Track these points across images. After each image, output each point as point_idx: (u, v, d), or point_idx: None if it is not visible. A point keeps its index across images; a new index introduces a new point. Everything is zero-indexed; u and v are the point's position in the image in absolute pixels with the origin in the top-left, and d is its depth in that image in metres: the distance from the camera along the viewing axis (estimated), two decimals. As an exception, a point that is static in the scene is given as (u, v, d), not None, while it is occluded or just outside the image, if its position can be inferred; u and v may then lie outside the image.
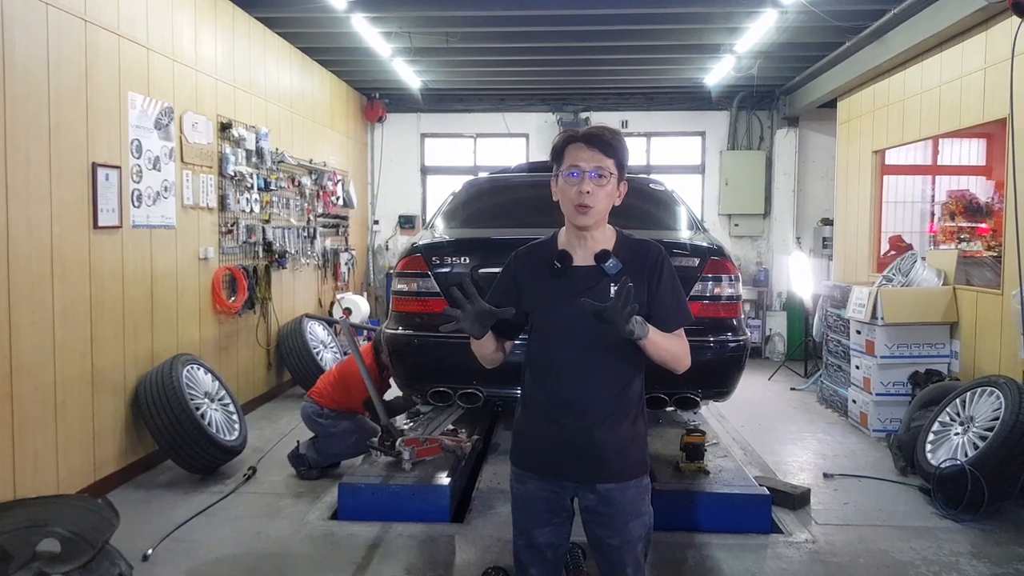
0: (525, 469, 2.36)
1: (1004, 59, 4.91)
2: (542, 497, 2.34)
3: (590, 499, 2.30)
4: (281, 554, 3.85)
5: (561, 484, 2.32)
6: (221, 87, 6.03)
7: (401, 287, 4.10)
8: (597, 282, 2.24)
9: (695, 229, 4.51)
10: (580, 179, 2.19)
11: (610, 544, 2.31)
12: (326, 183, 8.28)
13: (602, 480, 2.27)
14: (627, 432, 2.30)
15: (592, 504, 2.30)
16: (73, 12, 4.28)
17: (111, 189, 4.59)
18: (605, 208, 2.25)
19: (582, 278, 2.26)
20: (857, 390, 6.31)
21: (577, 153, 2.22)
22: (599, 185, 2.20)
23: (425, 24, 6.90)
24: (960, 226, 7.25)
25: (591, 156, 2.20)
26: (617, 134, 2.26)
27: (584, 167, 2.20)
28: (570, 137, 2.26)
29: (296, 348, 7.09)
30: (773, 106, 9.92)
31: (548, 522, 2.35)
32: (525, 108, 10.26)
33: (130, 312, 4.84)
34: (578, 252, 2.28)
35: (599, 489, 2.28)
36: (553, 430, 2.28)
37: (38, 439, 4.05)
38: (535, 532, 2.35)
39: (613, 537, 2.30)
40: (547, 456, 2.31)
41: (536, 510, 2.35)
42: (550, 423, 2.29)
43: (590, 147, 2.21)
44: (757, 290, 9.93)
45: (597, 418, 2.25)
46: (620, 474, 2.29)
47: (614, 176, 2.23)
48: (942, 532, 4.17)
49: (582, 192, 2.18)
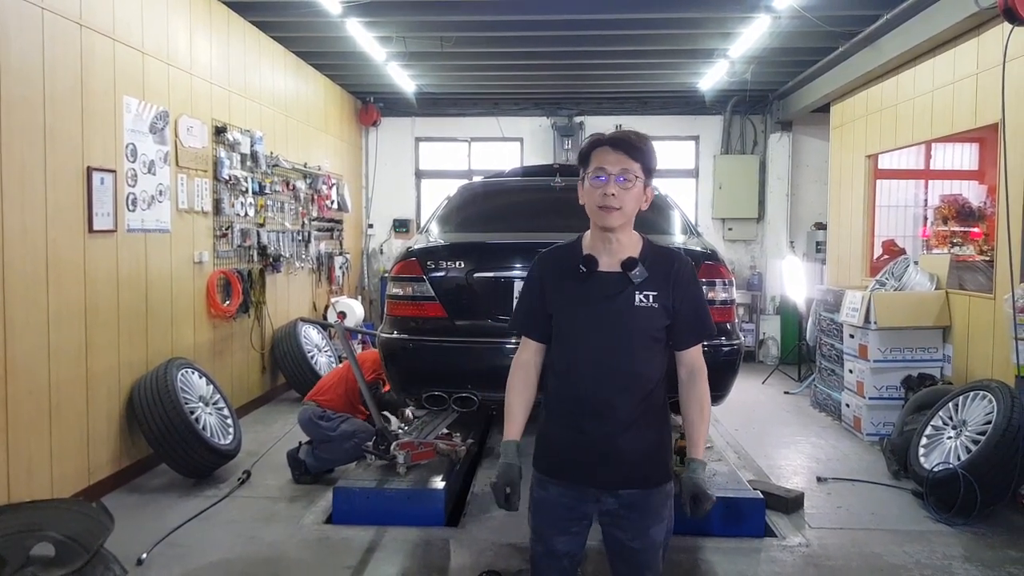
0: (548, 475, 2.34)
1: (996, 64, 4.94)
2: (564, 503, 2.31)
3: (611, 503, 2.28)
4: (276, 558, 3.84)
5: (584, 490, 2.30)
6: (216, 91, 6.03)
7: (396, 291, 4.11)
8: (622, 289, 2.23)
9: (689, 233, 4.53)
10: (606, 182, 2.18)
11: (631, 547, 2.29)
12: (321, 187, 8.28)
13: (626, 486, 2.26)
14: (652, 438, 2.29)
15: (613, 508, 2.28)
16: (68, 16, 4.28)
17: (106, 193, 4.58)
18: (631, 211, 2.23)
19: (607, 284, 2.24)
20: (850, 394, 6.33)
21: (603, 156, 2.21)
22: (624, 188, 2.19)
23: (420, 29, 6.91)
24: (953, 230, 7.28)
25: (617, 159, 2.19)
26: (644, 138, 2.24)
27: (610, 170, 2.19)
28: (597, 141, 2.26)
29: (291, 352, 7.08)
30: (767, 111, 9.96)
31: (568, 530, 2.33)
32: (519, 112, 10.29)
33: (125, 316, 4.84)
34: (603, 257, 2.26)
35: (622, 495, 2.27)
36: (577, 435, 2.27)
37: (32, 443, 4.04)
38: (555, 539, 2.33)
39: (634, 540, 2.28)
40: (570, 462, 2.29)
41: (557, 517, 2.33)
42: (574, 428, 2.28)
43: (616, 150, 2.20)
44: (751, 294, 9.96)
45: (621, 423, 2.24)
46: (645, 480, 2.28)
47: (640, 180, 2.21)
48: (935, 536, 4.18)
49: (607, 194, 2.18)
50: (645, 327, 2.23)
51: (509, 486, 2.27)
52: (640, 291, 2.22)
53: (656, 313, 2.24)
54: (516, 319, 2.47)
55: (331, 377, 5.26)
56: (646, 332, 2.24)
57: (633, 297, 2.22)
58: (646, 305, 2.23)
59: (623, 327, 2.22)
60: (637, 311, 2.22)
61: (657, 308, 2.23)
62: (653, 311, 2.23)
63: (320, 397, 5.08)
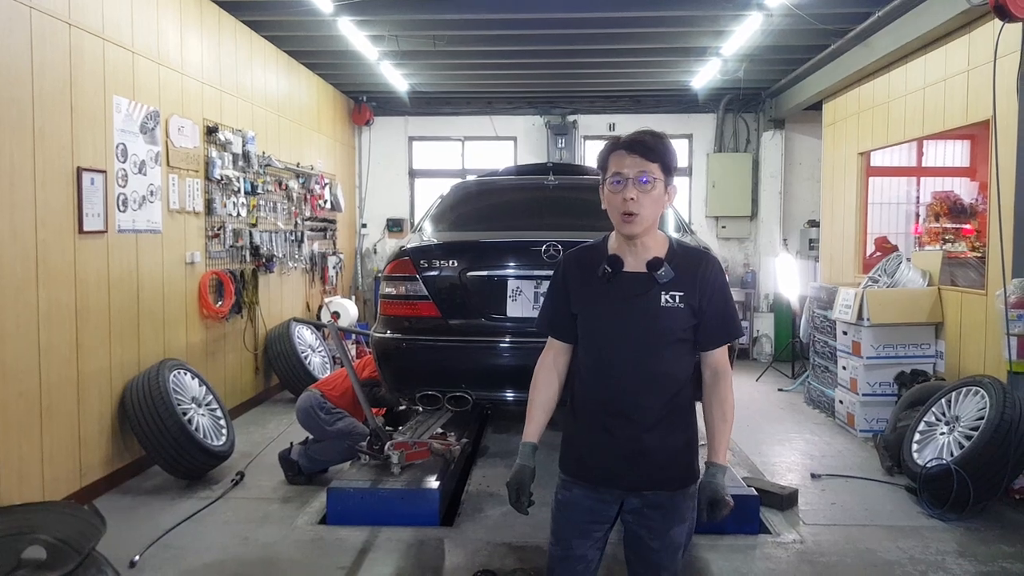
0: (573, 476, 2.32)
1: (987, 62, 4.96)
2: (587, 506, 2.30)
3: (636, 502, 2.27)
4: (269, 559, 3.83)
5: (609, 492, 2.28)
6: (207, 91, 6.01)
7: (389, 291, 4.10)
8: (648, 289, 2.21)
9: (682, 231, 4.53)
10: (624, 186, 2.15)
11: (650, 546, 2.27)
12: (313, 187, 8.26)
13: (652, 488, 2.25)
14: (679, 439, 2.27)
15: (638, 506, 2.27)
16: (57, 16, 4.26)
17: (96, 193, 4.56)
18: (653, 214, 2.19)
19: (633, 284, 2.22)
20: (844, 391, 6.35)
21: (620, 160, 2.17)
22: (644, 192, 2.14)
23: (412, 27, 6.90)
24: (945, 227, 7.30)
25: (633, 162, 2.15)
26: (661, 137, 2.20)
27: (628, 174, 2.15)
28: (613, 145, 2.23)
29: (284, 352, 7.07)
30: (759, 109, 9.98)
31: (589, 533, 2.30)
32: (513, 111, 10.28)
33: (116, 317, 4.81)
34: (628, 258, 2.24)
35: (647, 496, 2.26)
36: (603, 436, 2.25)
37: (23, 445, 4.02)
38: (574, 543, 2.30)
39: (655, 540, 2.27)
40: (597, 463, 2.27)
41: (579, 519, 2.31)
42: (600, 429, 2.26)
43: (632, 153, 2.16)
44: (744, 292, 9.97)
45: (648, 424, 2.22)
46: (671, 482, 2.26)
47: (660, 180, 2.16)
48: (928, 531, 4.20)
49: (627, 200, 2.14)
50: (672, 327, 2.21)
51: (519, 487, 2.26)
52: (666, 291, 2.19)
53: (682, 313, 2.21)
54: (541, 320, 2.43)
55: (342, 372, 5.23)
56: (673, 332, 2.21)
57: (659, 297, 2.20)
58: (672, 306, 2.20)
59: (649, 327, 2.19)
60: (663, 311, 2.20)
61: (684, 308, 2.21)
62: (679, 311, 2.21)
63: (326, 387, 5.06)
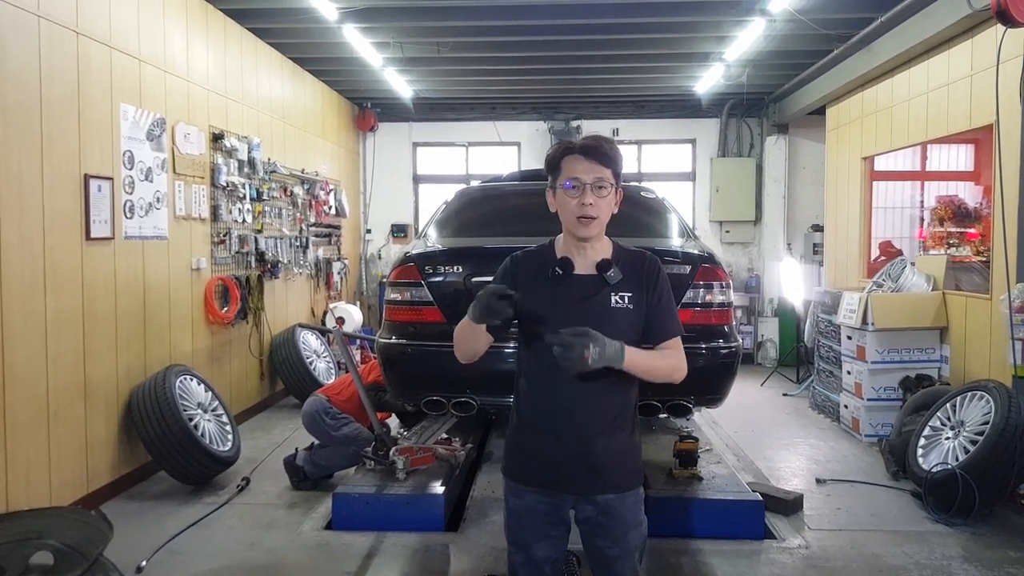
0: (522, 483, 2.34)
1: (990, 66, 4.96)
2: (541, 511, 2.31)
3: (589, 511, 2.29)
4: (276, 565, 3.84)
5: (561, 496, 2.30)
6: (213, 98, 6.04)
7: (394, 296, 4.10)
8: (598, 291, 2.24)
9: (686, 236, 4.54)
10: (582, 191, 2.19)
11: (610, 555, 2.30)
12: (318, 193, 8.29)
13: (603, 491, 2.26)
14: (625, 442, 2.30)
15: (591, 515, 2.29)
16: (64, 24, 4.29)
17: (103, 200, 4.59)
18: (607, 218, 2.25)
19: (583, 286, 2.25)
20: (848, 395, 6.34)
21: (575, 165, 2.21)
22: (600, 196, 2.20)
23: (416, 34, 6.93)
24: (949, 231, 7.30)
25: (590, 167, 2.19)
26: (612, 143, 2.25)
27: (584, 179, 2.19)
28: (567, 148, 2.26)
29: (289, 358, 7.08)
30: (763, 113, 9.98)
31: (547, 536, 2.33)
32: (516, 117, 10.31)
33: (123, 323, 4.83)
34: (578, 260, 2.27)
35: (599, 500, 2.27)
36: (552, 441, 2.26)
37: (30, 451, 4.04)
38: (534, 547, 2.33)
39: (613, 548, 2.29)
40: (546, 468, 2.28)
41: (535, 524, 2.33)
42: (548, 434, 2.27)
43: (588, 159, 2.20)
44: (749, 296, 9.97)
45: (596, 428, 2.24)
46: (620, 484, 2.29)
47: (613, 186, 2.23)
48: (934, 536, 4.19)
49: (585, 204, 2.18)
50: (622, 328, 2.22)
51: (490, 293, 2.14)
52: (615, 292, 2.23)
53: (632, 314, 2.25)
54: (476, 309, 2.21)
55: (348, 377, 5.23)
56: (624, 334, 2.20)
57: (609, 298, 2.23)
58: (622, 306, 2.24)
59: (600, 329, 2.14)
60: (614, 312, 2.23)
61: (632, 309, 2.25)
62: (629, 312, 2.24)
63: (332, 392, 5.07)
